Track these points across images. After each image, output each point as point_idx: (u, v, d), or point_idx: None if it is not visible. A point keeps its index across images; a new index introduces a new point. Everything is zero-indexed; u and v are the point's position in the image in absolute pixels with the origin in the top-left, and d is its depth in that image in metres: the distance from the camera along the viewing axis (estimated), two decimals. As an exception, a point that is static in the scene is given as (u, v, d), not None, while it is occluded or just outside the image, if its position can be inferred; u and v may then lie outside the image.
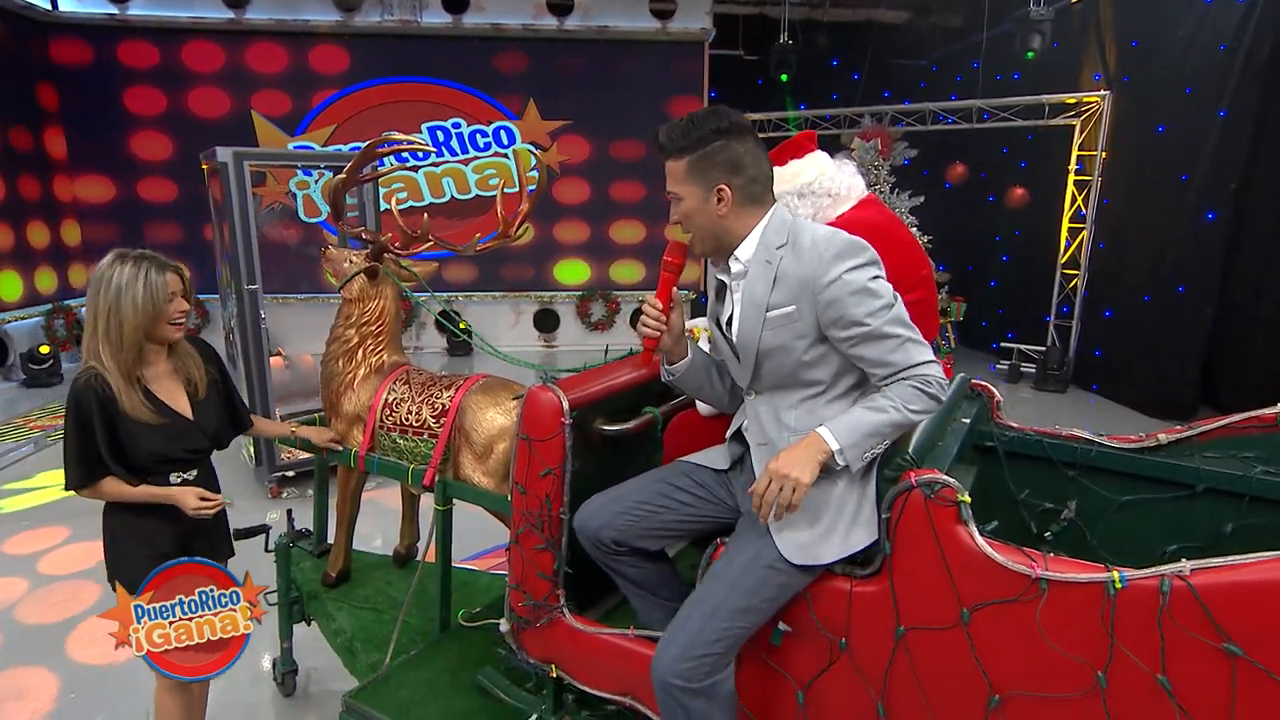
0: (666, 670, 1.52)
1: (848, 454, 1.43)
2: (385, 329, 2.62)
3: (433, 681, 2.21)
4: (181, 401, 1.99)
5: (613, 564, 1.81)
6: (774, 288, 1.49)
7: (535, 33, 8.79)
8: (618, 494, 1.80)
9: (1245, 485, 1.85)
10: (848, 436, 1.43)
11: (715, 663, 1.52)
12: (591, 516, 1.79)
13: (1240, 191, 6.05)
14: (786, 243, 1.49)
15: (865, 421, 1.43)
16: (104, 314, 1.84)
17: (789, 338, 1.50)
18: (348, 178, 2.30)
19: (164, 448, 1.93)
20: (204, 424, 2.03)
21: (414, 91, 8.96)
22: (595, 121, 9.14)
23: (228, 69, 8.55)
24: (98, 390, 1.83)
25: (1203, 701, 1.23)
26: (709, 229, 1.54)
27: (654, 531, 1.75)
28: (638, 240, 9.54)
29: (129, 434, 1.87)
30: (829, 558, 1.52)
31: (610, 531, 1.75)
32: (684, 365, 1.68)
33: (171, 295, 1.90)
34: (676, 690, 1.50)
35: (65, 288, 8.31)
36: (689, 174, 1.51)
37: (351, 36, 8.62)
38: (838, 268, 1.43)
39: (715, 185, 1.50)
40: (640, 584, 1.83)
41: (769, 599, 1.54)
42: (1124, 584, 1.27)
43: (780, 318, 1.49)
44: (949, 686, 1.45)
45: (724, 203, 1.50)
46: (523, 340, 9.50)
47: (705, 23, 8.94)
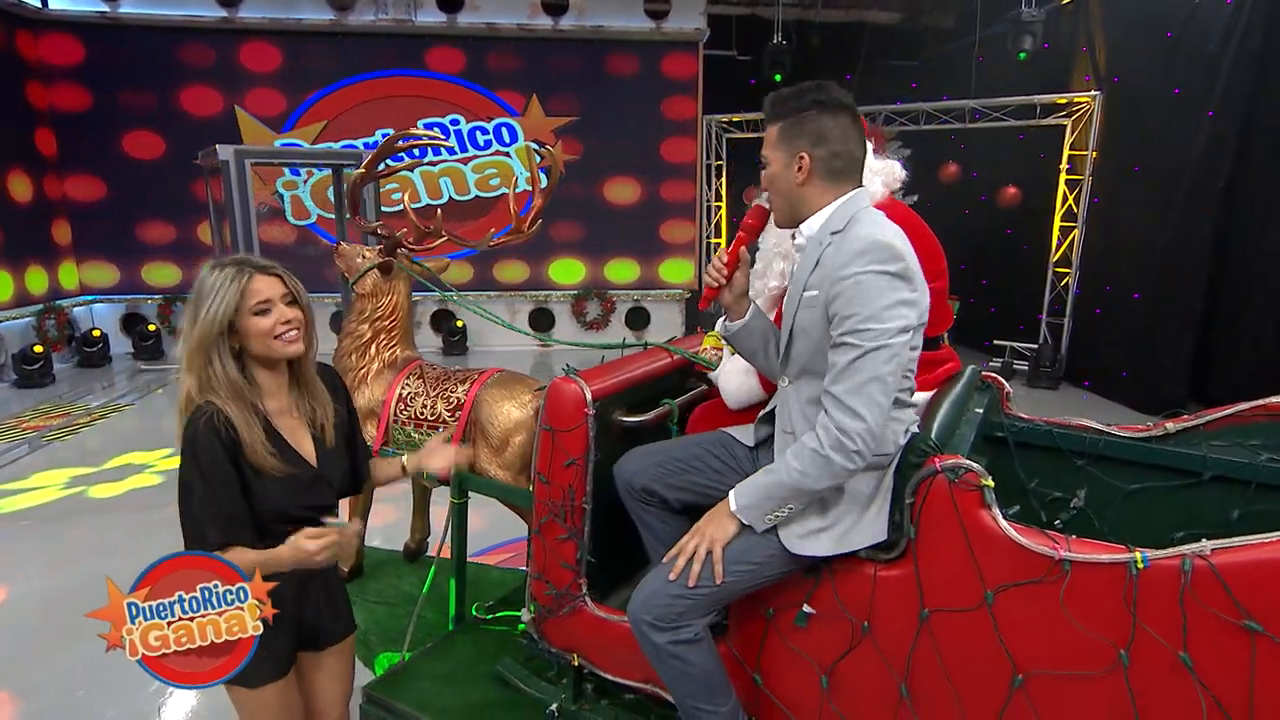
0: (639, 606, 1.60)
1: (746, 514, 1.54)
2: (398, 324, 2.64)
3: (451, 673, 2.23)
4: (306, 445, 1.62)
5: (642, 513, 1.87)
6: (814, 270, 1.52)
7: (530, 32, 8.80)
8: (657, 448, 1.88)
9: (1251, 472, 1.89)
10: (744, 496, 1.54)
11: (686, 609, 1.57)
12: (628, 464, 1.86)
13: (1228, 191, 6.15)
14: (841, 230, 1.51)
15: (760, 484, 1.53)
16: (192, 335, 1.50)
17: (808, 321, 1.54)
18: (366, 172, 2.32)
19: (286, 504, 1.54)
20: (330, 474, 1.64)
21: (409, 86, 8.82)
22: (590, 121, 9.15)
23: (220, 67, 8.50)
24: (221, 432, 1.46)
25: (1223, 677, 1.27)
26: (786, 195, 1.58)
27: (680, 486, 1.81)
28: (632, 238, 9.56)
29: (252, 486, 1.50)
30: (824, 551, 1.55)
31: (642, 478, 1.82)
32: (739, 325, 1.73)
33: (264, 303, 1.51)
34: (645, 626, 1.59)
35: (56, 288, 8.24)
36: (778, 139, 1.55)
37: (345, 35, 8.58)
38: (858, 263, 1.42)
39: (798, 153, 1.53)
40: (663, 539, 1.83)
41: (754, 564, 1.56)
42: (1146, 564, 1.30)
43: (810, 299, 1.53)
44: (972, 667, 1.48)
45: (802, 171, 1.53)
46: (518, 339, 9.49)
47: (700, 23, 8.98)
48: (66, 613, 3.21)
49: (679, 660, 1.57)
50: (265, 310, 1.50)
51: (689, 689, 1.60)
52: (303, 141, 8.66)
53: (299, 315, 1.55)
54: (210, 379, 1.49)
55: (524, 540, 3.87)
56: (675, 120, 9.30)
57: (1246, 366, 6.15)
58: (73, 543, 3.98)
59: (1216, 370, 6.42)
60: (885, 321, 1.39)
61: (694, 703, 1.60)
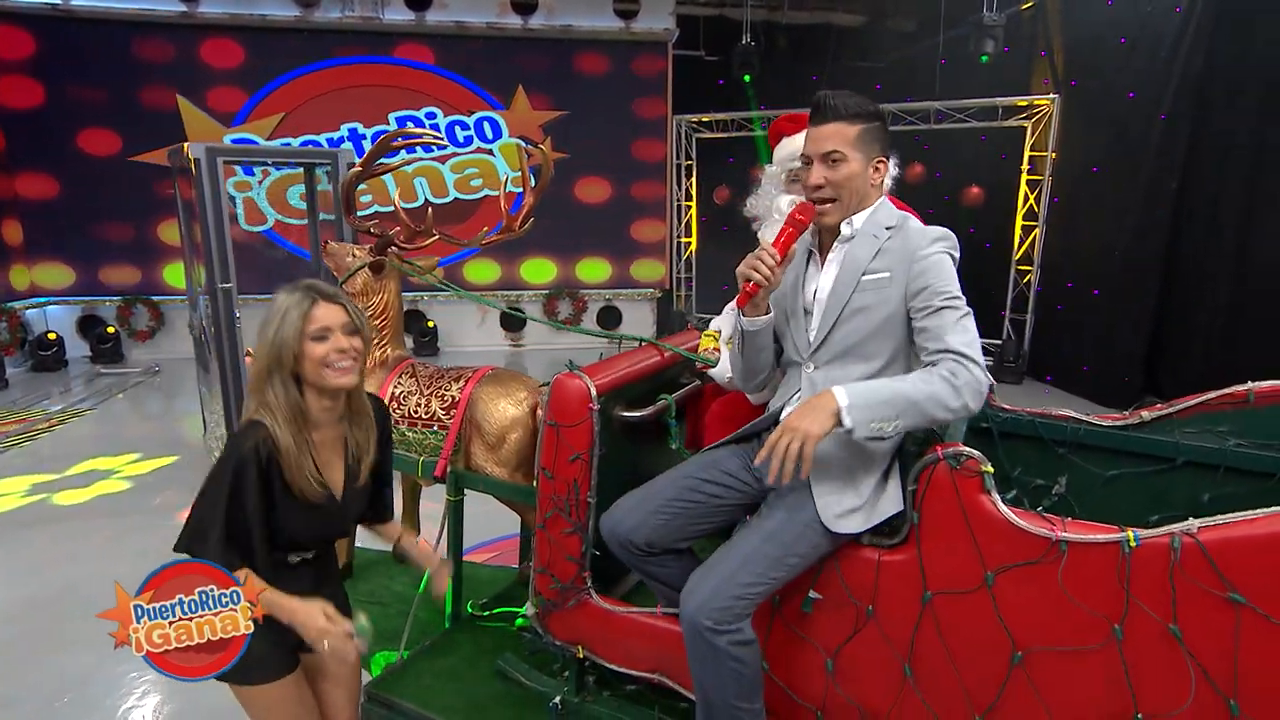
0: (698, 610, 1.56)
1: (853, 413, 1.46)
2: (389, 323, 2.63)
3: (452, 669, 2.24)
4: (337, 478, 1.63)
5: (643, 566, 1.83)
6: (875, 256, 1.65)
7: (500, 31, 8.76)
8: (645, 494, 1.81)
9: (1220, 457, 1.99)
10: (859, 397, 1.47)
11: (744, 608, 1.58)
12: (622, 520, 1.79)
13: (1180, 191, 6.40)
14: (896, 226, 1.67)
15: (881, 387, 1.50)
16: (259, 355, 1.53)
17: (874, 300, 1.63)
18: (363, 170, 2.31)
19: (300, 530, 1.59)
20: (351, 510, 1.68)
21: (380, 74, 8.44)
22: (561, 120, 9.14)
23: (179, 63, 8.28)
24: (262, 457, 1.48)
25: (1209, 646, 1.35)
26: (859, 193, 1.67)
27: (688, 528, 1.78)
28: (603, 238, 9.58)
29: (277, 504, 1.54)
30: (858, 528, 1.61)
31: (644, 532, 1.76)
32: (765, 321, 1.73)
33: (323, 330, 1.52)
34: (706, 630, 1.55)
35: (7, 289, 7.97)
36: (860, 139, 1.64)
37: (310, 31, 8.44)
38: (939, 245, 1.61)
39: (876, 158, 1.67)
40: (668, 583, 1.84)
41: (801, 555, 1.61)
42: (1138, 543, 1.38)
43: (873, 281, 1.64)
44: (974, 646, 1.55)
45: (878, 174, 1.68)
46: (489, 339, 9.46)
47: (669, 23, 9.04)
48: (42, 621, 3.13)
49: (737, 662, 1.56)
50: (322, 338, 1.52)
51: (737, 689, 1.59)
52: (257, 137, 8.37)
53: (356, 346, 1.56)
54: (270, 400, 1.51)
55: (511, 538, 3.89)
56: (645, 120, 9.34)
57: (1196, 361, 6.41)
58: (41, 550, 3.88)
59: (1170, 365, 6.68)
60: (957, 291, 1.58)
61: (738, 702, 1.60)
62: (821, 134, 1.64)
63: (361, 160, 2.30)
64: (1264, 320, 5.83)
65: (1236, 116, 5.99)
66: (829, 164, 1.64)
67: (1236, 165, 6.01)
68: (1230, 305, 6.09)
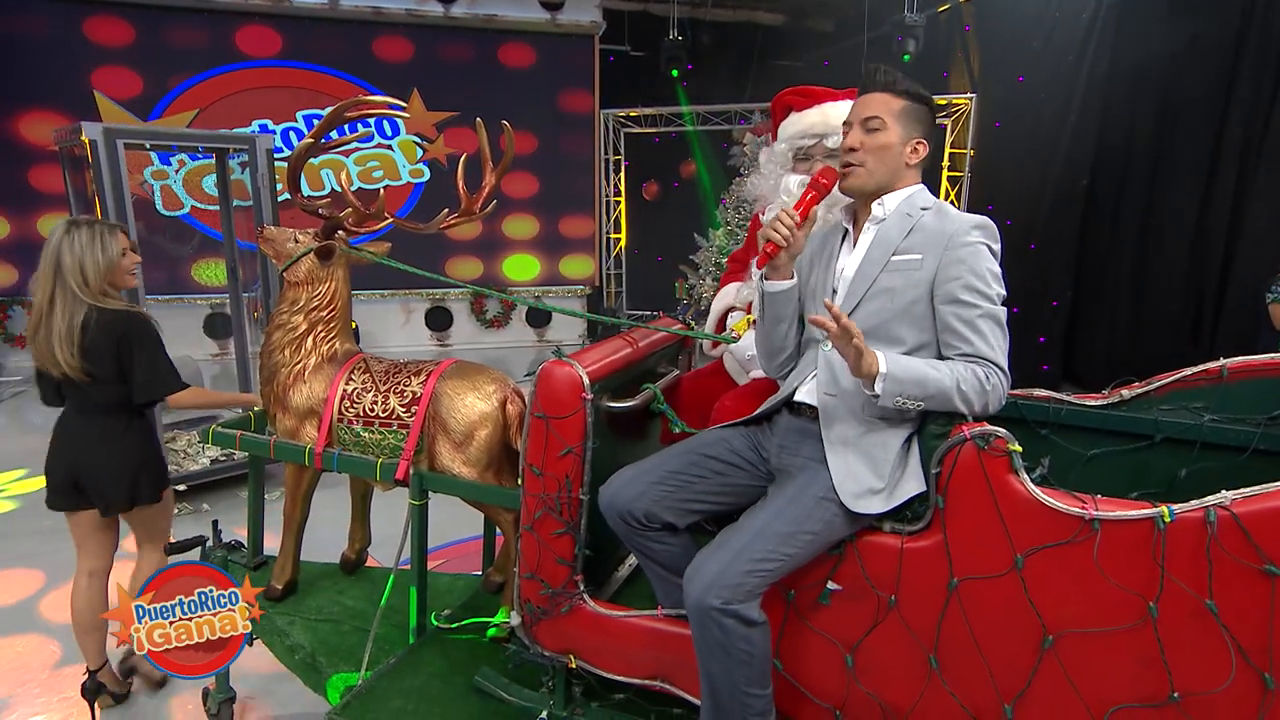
0: (705, 590, 1.47)
1: (887, 382, 1.47)
2: (337, 314, 2.41)
3: (424, 688, 2.05)
4: None
5: (641, 542, 1.74)
6: (908, 236, 1.60)
7: (419, 19, 8.42)
8: (647, 466, 1.74)
9: (1197, 433, 2.03)
10: (898, 368, 1.47)
11: (755, 586, 1.50)
12: (621, 490, 1.70)
13: (1090, 189, 6.76)
14: (932, 208, 1.63)
15: (919, 367, 1.49)
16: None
17: (902, 283, 1.57)
18: (313, 143, 2.09)
19: None
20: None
21: (288, 77, 8.30)
22: (483, 114, 8.81)
23: (71, 41, 7.57)
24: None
25: (1244, 620, 1.34)
26: (890, 168, 1.63)
27: (689, 501, 1.71)
28: (531, 235, 9.35)
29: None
30: (879, 509, 1.54)
31: (643, 503, 1.67)
32: (786, 285, 1.69)
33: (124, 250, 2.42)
34: (714, 611, 1.47)
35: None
36: (903, 114, 1.61)
37: (212, 13, 7.88)
38: (978, 234, 1.56)
39: (915, 138, 1.64)
40: (666, 564, 1.76)
41: (814, 532, 1.53)
42: (1172, 518, 1.35)
43: (903, 262, 1.59)
44: (1002, 632, 1.49)
45: (915, 154, 1.64)
46: (414, 340, 9.07)
47: (595, 15, 8.90)
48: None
49: (747, 645, 1.49)
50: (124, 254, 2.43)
51: (747, 675, 1.52)
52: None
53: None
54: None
55: (464, 542, 3.68)
56: (572, 114, 9.17)
57: (1102, 348, 6.81)
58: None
59: (1083, 354, 7.05)
60: (995, 287, 1.56)
61: (747, 688, 1.52)
62: (867, 100, 1.64)
63: (312, 131, 2.08)
64: (1163, 309, 6.22)
65: (1137, 118, 6.38)
66: (867, 129, 1.62)
67: (1139, 166, 6.39)
68: (1134, 295, 6.49)
